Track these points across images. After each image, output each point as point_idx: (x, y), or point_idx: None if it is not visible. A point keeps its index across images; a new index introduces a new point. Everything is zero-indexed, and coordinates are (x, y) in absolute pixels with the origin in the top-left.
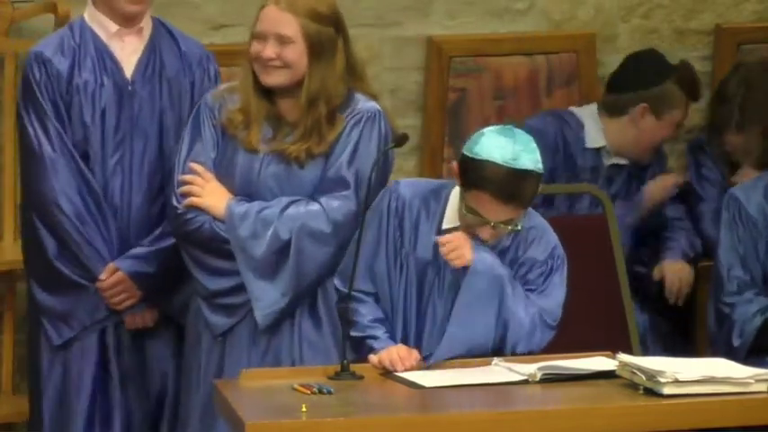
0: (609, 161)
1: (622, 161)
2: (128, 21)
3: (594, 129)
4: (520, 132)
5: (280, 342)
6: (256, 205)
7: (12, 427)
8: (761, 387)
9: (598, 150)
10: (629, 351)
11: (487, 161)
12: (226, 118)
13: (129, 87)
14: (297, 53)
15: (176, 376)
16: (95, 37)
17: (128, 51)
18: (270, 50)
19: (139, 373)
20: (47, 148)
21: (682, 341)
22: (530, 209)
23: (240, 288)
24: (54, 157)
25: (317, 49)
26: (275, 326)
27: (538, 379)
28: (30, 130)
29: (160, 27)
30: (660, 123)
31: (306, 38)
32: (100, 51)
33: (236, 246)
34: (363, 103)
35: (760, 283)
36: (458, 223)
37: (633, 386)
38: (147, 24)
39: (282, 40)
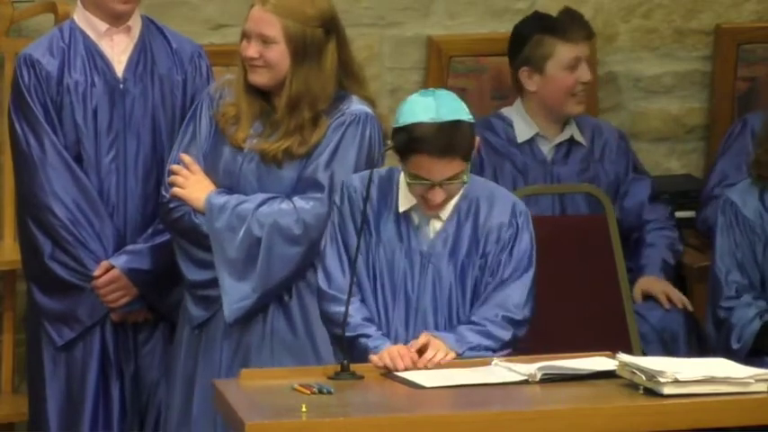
0: (550, 145)
1: (562, 138)
2: (116, 20)
3: (522, 121)
4: (440, 90)
5: (250, 339)
6: (234, 199)
7: (12, 427)
8: (761, 387)
9: (531, 141)
10: (629, 351)
11: (414, 123)
12: (219, 111)
13: (121, 86)
14: (279, 54)
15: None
16: (85, 37)
17: (118, 50)
18: (252, 50)
19: (135, 371)
20: (37, 150)
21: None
22: (474, 176)
23: (215, 282)
24: (44, 160)
25: (300, 51)
26: (244, 322)
27: (538, 379)
28: (20, 133)
29: (150, 25)
30: (549, 77)
31: (288, 39)
32: (90, 51)
33: (213, 237)
34: (353, 106)
35: (758, 286)
36: (412, 203)
37: (633, 386)
38: (135, 23)
39: (265, 41)
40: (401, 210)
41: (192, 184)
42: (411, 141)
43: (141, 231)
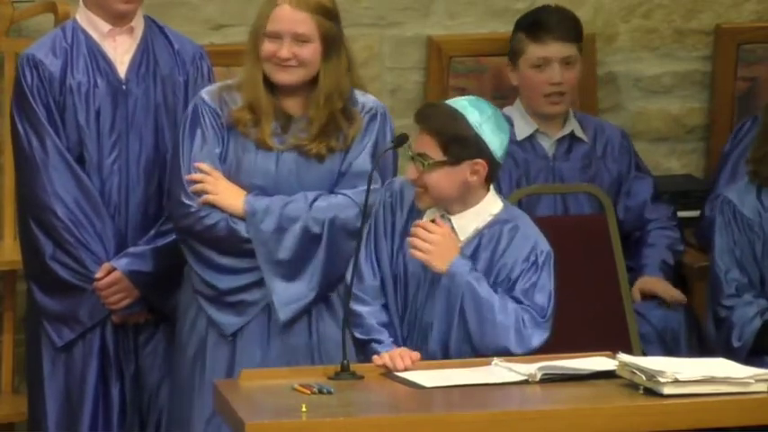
0: (551, 141)
1: (562, 133)
2: (119, 19)
3: (521, 118)
4: (487, 102)
5: (297, 340)
6: (279, 200)
7: (12, 427)
8: (761, 387)
9: (532, 138)
10: (629, 351)
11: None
12: (233, 117)
13: (123, 87)
14: (313, 52)
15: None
16: (87, 37)
17: (120, 51)
18: (286, 50)
19: (136, 372)
20: (39, 151)
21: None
22: (507, 203)
23: (252, 286)
24: (47, 161)
25: (329, 46)
26: (295, 320)
27: (538, 379)
28: (22, 133)
29: (152, 25)
30: (522, 72)
31: (321, 36)
32: (92, 51)
33: (259, 241)
34: (366, 98)
35: (758, 284)
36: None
37: (633, 386)
38: (138, 23)
39: (300, 39)
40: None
41: (223, 191)
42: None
43: (143, 232)
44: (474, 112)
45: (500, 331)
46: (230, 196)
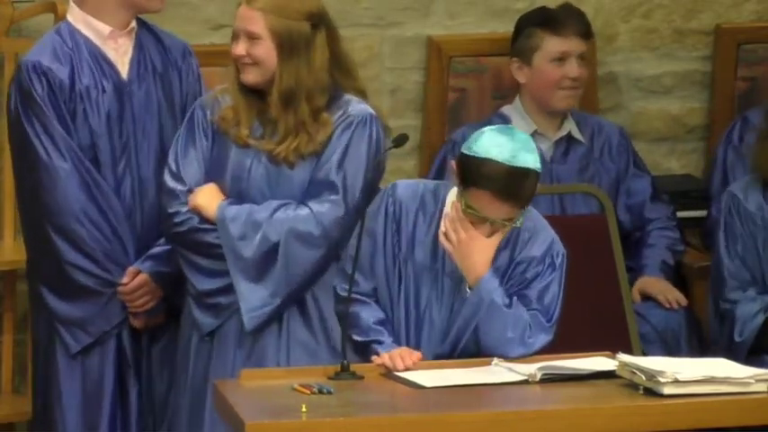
0: (549, 143)
1: (560, 134)
2: (126, 22)
3: (520, 119)
4: (518, 132)
5: (266, 344)
6: (247, 207)
7: (12, 427)
8: (761, 387)
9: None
10: (629, 351)
11: (486, 159)
12: (219, 117)
13: (128, 88)
14: (265, 50)
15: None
16: (87, 40)
17: (120, 52)
18: (240, 48)
19: (151, 374)
20: (57, 158)
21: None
22: (528, 206)
23: (228, 289)
24: (65, 167)
25: (287, 46)
26: (262, 328)
27: (538, 379)
28: (36, 142)
29: (141, 24)
30: (536, 69)
31: (273, 35)
32: (94, 55)
33: (227, 247)
34: (355, 106)
35: (760, 280)
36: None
37: (633, 386)
38: (132, 23)
39: (251, 37)
40: (442, 229)
41: (204, 193)
42: (478, 176)
43: (158, 228)
44: (538, 161)
45: (505, 343)
46: (208, 199)
